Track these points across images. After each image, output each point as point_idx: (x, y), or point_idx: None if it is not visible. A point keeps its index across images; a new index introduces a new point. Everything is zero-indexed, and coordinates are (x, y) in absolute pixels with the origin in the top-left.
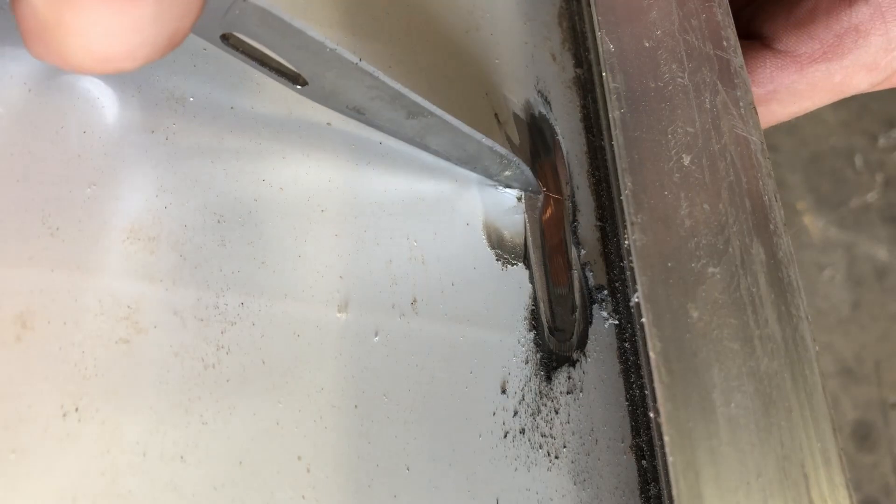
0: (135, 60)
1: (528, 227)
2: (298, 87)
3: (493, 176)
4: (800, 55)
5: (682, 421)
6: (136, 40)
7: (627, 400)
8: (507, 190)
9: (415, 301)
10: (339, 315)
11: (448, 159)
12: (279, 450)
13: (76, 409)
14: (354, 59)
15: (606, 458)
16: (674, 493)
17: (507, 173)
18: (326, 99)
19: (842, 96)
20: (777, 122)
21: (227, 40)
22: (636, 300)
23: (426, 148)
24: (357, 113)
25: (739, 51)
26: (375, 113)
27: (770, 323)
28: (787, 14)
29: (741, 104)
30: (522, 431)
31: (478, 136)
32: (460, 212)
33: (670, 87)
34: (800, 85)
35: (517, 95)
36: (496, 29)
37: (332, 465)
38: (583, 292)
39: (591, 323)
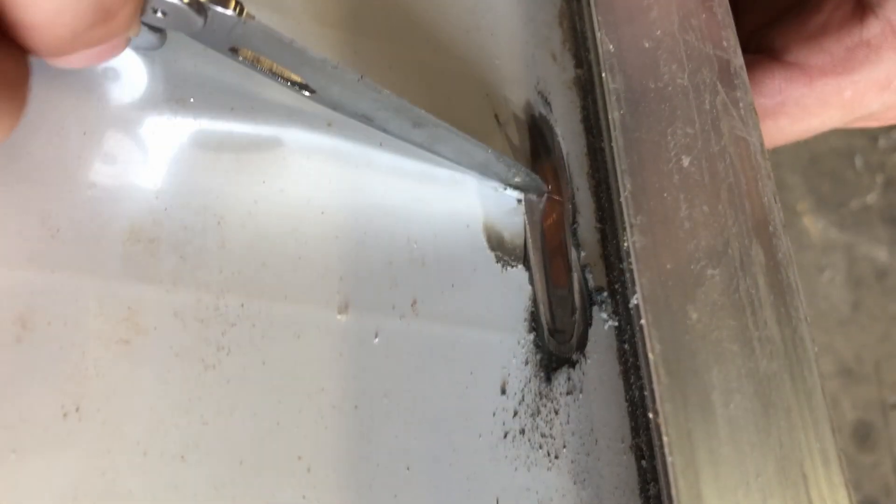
0: None
1: (527, 229)
2: (307, 94)
3: (505, 181)
4: (809, 67)
5: (682, 421)
6: None
7: (627, 401)
8: (508, 192)
9: (415, 302)
10: (339, 316)
11: (460, 165)
12: (280, 450)
13: (77, 410)
14: (356, 76)
15: (606, 458)
16: (673, 493)
17: (517, 179)
18: (334, 106)
19: (853, 116)
20: (787, 142)
21: (236, 53)
22: (636, 302)
23: (437, 153)
24: (366, 119)
25: (739, 51)
26: (383, 121)
27: (769, 324)
28: (798, 27)
29: (741, 105)
30: (522, 432)
31: (482, 146)
32: (460, 213)
33: (670, 88)
34: (809, 99)
35: (517, 96)
36: (496, 29)
37: (332, 465)
38: (582, 294)
39: (590, 324)
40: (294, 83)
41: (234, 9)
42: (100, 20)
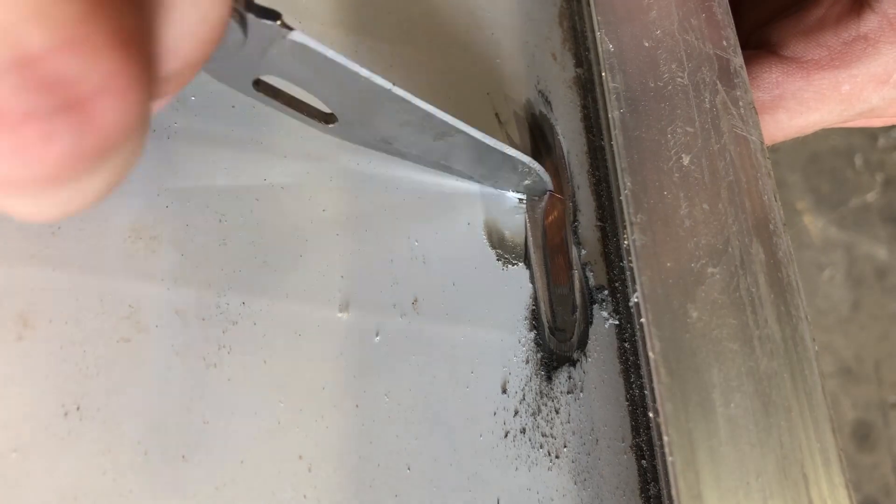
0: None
1: (528, 227)
2: (328, 125)
3: (512, 188)
4: (807, 62)
5: (682, 421)
6: (60, 210)
7: (627, 400)
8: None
9: (416, 301)
10: (340, 314)
11: (470, 178)
12: (280, 449)
13: (77, 408)
14: (387, 86)
15: (607, 457)
16: (673, 492)
17: (526, 182)
18: (355, 134)
19: (853, 111)
20: (786, 138)
21: (258, 86)
22: (636, 300)
23: (448, 170)
24: (384, 144)
25: (739, 50)
26: (403, 140)
27: (769, 323)
28: (795, 22)
29: (741, 104)
30: (523, 431)
31: (503, 147)
32: (461, 211)
33: (670, 87)
34: (806, 92)
35: (518, 95)
36: (497, 28)
37: (333, 465)
38: (583, 292)
39: (591, 323)
40: (313, 115)
41: (276, 20)
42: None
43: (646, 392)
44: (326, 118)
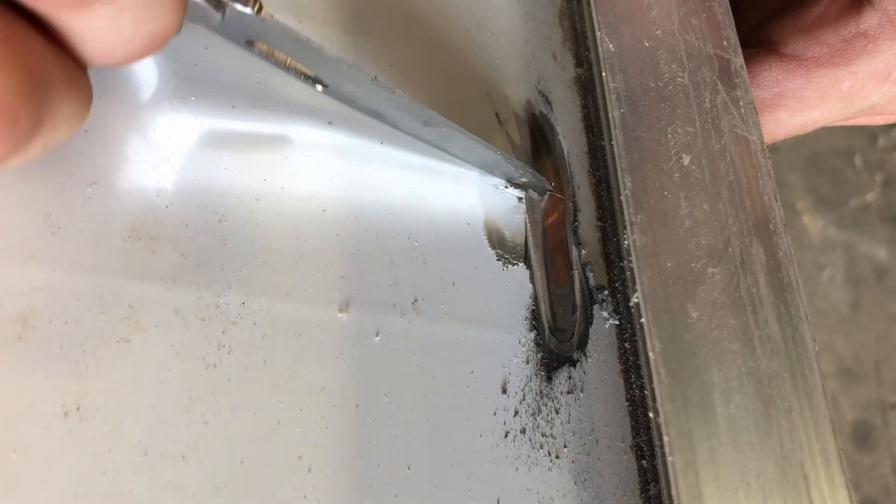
0: (121, 58)
1: (528, 227)
2: (320, 88)
3: (512, 179)
4: (806, 59)
5: (682, 421)
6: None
7: (628, 400)
8: (509, 190)
9: (416, 301)
10: (340, 315)
11: (467, 162)
12: (280, 449)
13: (77, 409)
14: (370, 76)
15: (607, 457)
16: (674, 493)
17: (523, 179)
18: (346, 102)
19: (853, 109)
20: (786, 136)
21: (252, 45)
22: (636, 300)
23: (445, 151)
24: (377, 115)
25: (739, 50)
26: (394, 119)
27: (770, 323)
28: (794, 20)
29: (741, 104)
30: (523, 431)
31: (492, 148)
32: (461, 212)
33: (670, 87)
34: (807, 90)
35: (518, 95)
36: (497, 28)
37: (333, 465)
38: (583, 292)
39: (591, 323)
40: (308, 77)
41: (253, 6)
42: (148, 38)
43: (646, 392)
44: (319, 82)
